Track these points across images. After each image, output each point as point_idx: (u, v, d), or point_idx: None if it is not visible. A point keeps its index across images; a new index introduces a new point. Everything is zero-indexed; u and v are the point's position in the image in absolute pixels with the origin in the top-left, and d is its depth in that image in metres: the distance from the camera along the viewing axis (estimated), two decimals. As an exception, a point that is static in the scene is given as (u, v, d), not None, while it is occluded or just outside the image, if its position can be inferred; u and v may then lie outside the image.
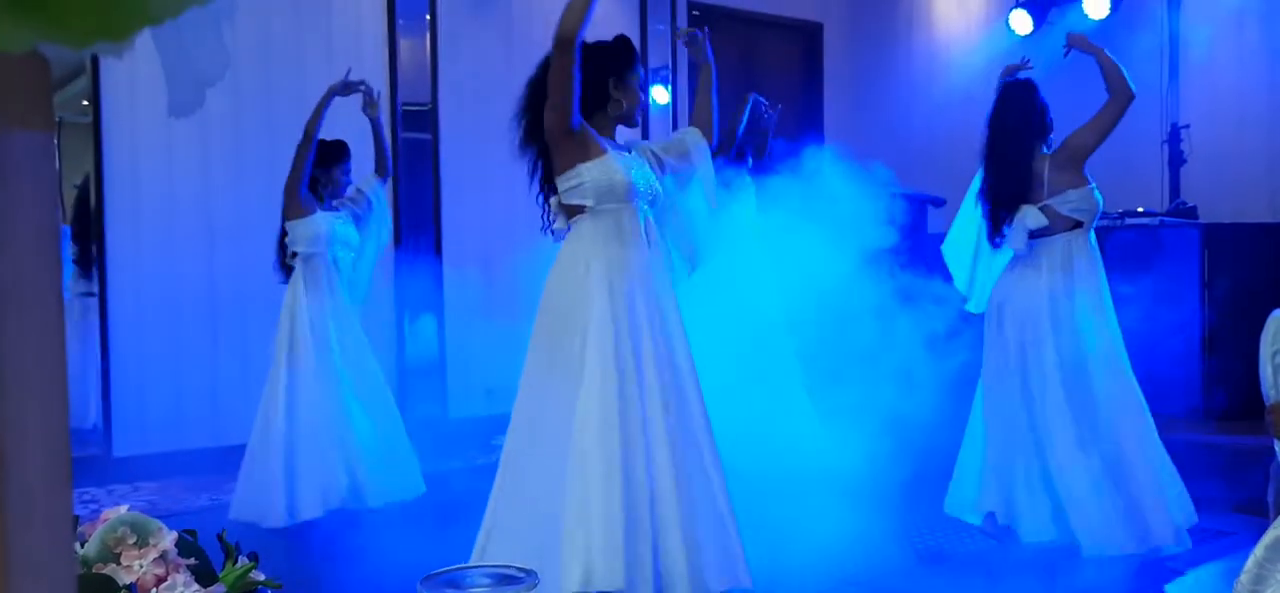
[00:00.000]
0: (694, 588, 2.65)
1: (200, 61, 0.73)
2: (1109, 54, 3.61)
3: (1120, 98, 3.58)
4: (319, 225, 4.32)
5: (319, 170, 4.46)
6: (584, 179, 2.76)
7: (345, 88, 4.46)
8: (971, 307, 3.87)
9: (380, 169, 4.64)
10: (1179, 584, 3.44)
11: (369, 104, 4.53)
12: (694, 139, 3.07)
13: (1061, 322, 3.54)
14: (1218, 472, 3.88)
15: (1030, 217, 3.60)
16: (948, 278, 4.07)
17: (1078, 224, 3.61)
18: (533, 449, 2.73)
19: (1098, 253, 3.66)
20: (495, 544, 2.74)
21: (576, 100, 2.74)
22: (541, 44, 6.35)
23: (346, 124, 4.80)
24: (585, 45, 2.85)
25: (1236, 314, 4.70)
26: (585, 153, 2.78)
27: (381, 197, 4.65)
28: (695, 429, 2.78)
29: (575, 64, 2.70)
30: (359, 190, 4.58)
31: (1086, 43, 3.68)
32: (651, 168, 2.97)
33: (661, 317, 2.80)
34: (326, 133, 4.57)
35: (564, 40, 2.68)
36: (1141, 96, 6.52)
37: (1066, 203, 3.59)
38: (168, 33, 0.68)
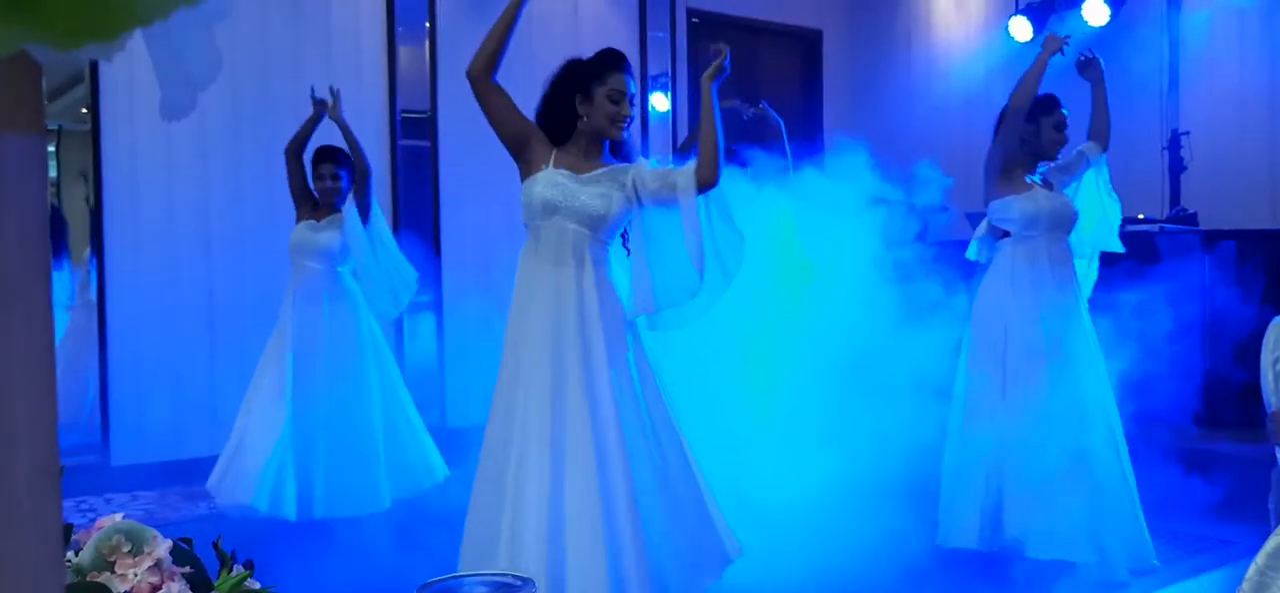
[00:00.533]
0: None
1: (191, 63, 0.73)
2: (1038, 71, 3.65)
3: (1012, 111, 3.66)
4: (291, 236, 4.47)
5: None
6: (521, 198, 2.90)
7: (319, 104, 4.49)
8: None
9: (358, 187, 4.44)
10: (1180, 592, 3.43)
11: (330, 108, 4.50)
12: (683, 182, 2.81)
13: (972, 325, 3.76)
14: (1218, 479, 3.87)
15: (980, 228, 3.87)
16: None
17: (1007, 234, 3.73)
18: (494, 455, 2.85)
19: (1044, 262, 3.65)
20: (470, 551, 2.80)
21: (507, 125, 2.87)
22: (539, 52, 6.38)
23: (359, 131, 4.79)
24: (562, 66, 2.94)
25: (1237, 321, 4.69)
26: (527, 170, 2.88)
27: (355, 221, 4.39)
28: (601, 451, 2.72)
29: (486, 95, 2.85)
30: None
31: (1051, 45, 3.70)
32: (628, 192, 2.85)
33: (574, 336, 2.75)
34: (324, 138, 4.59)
35: (468, 77, 2.88)
36: (1142, 103, 6.54)
37: (992, 214, 3.75)
38: (158, 34, 0.68)
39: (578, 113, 2.86)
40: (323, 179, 4.46)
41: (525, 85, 3.04)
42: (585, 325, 2.76)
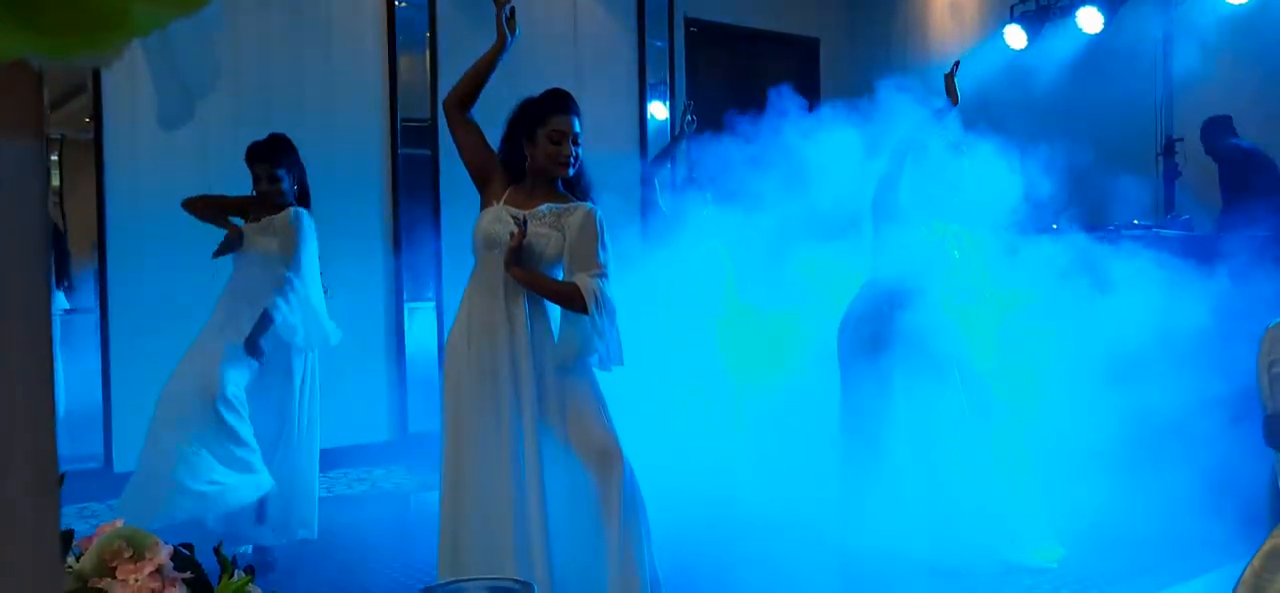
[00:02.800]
0: None
1: (189, 73, 0.74)
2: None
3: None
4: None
5: None
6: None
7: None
8: None
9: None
10: (1178, 595, 3.45)
11: None
12: (579, 291, 2.85)
13: None
14: (1213, 482, 3.89)
15: None
16: None
17: None
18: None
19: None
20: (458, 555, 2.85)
21: (472, 159, 2.97)
22: (540, 61, 6.38)
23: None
24: (516, 106, 3.00)
25: (1232, 326, 4.70)
26: (483, 204, 3.00)
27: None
28: (517, 476, 2.80)
29: (456, 128, 2.96)
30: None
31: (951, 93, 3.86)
32: (564, 235, 2.89)
33: (506, 368, 2.83)
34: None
35: (444, 107, 2.99)
36: (1136, 111, 6.55)
37: None
38: (155, 44, 0.69)
39: (526, 154, 2.93)
40: (265, 181, 4.00)
41: (528, 93, 3.06)
42: (515, 360, 2.84)
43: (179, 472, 3.76)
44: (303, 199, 4.09)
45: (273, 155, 3.99)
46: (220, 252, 4.07)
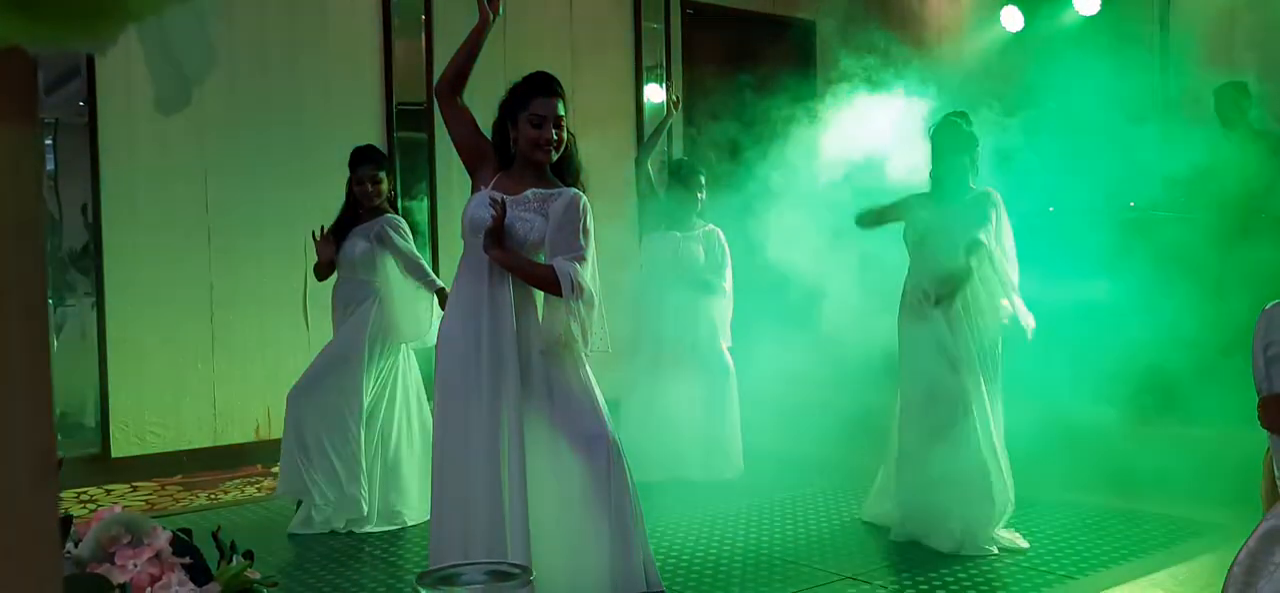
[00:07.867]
0: None
1: (185, 59, 0.74)
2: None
3: None
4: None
5: None
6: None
7: None
8: None
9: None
10: (1172, 575, 3.46)
11: None
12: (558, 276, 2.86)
13: None
14: (1207, 464, 3.90)
15: None
16: None
17: None
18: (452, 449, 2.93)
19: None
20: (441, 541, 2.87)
21: (463, 144, 3.00)
22: (536, 44, 6.35)
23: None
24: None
25: (1230, 308, 4.71)
26: (473, 189, 2.99)
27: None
28: (508, 457, 2.82)
29: (448, 113, 2.98)
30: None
31: None
32: (549, 220, 2.91)
33: (488, 351, 2.84)
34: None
35: (435, 94, 3.03)
36: (1133, 91, 6.54)
37: None
38: (152, 31, 0.69)
39: (510, 137, 2.93)
40: (361, 183, 4.29)
41: (519, 74, 3.05)
42: (500, 344, 2.84)
43: None
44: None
45: (377, 157, 4.36)
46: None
